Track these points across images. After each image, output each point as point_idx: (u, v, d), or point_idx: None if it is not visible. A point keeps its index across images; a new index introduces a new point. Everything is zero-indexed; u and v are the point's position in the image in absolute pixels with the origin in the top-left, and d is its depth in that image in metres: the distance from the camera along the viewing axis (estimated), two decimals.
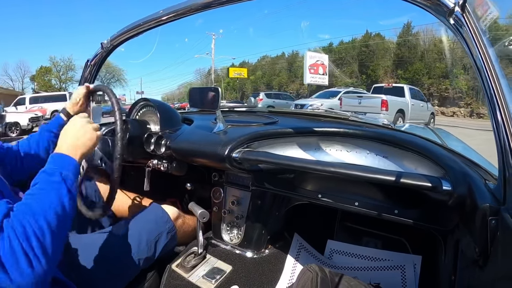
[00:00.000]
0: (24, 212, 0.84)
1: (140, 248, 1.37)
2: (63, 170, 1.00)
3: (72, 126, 1.15)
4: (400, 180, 1.01)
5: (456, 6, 0.83)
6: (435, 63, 42.50)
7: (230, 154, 1.37)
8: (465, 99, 39.47)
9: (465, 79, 40.35)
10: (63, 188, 0.95)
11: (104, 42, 1.89)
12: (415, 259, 1.50)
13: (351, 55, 49.22)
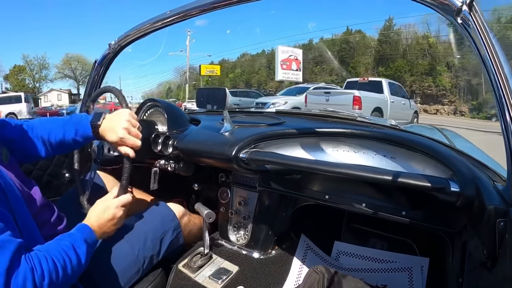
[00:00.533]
0: (49, 260, 0.92)
1: (145, 246, 1.37)
2: (88, 243, 1.10)
3: (108, 215, 1.22)
4: (408, 181, 1.00)
5: (463, 5, 0.82)
6: (418, 60, 42.01)
7: (237, 154, 1.37)
8: (449, 97, 39.48)
9: (449, 77, 40.02)
10: (84, 257, 1.06)
11: (111, 43, 1.91)
12: (422, 261, 1.49)
13: (332, 52, 48.67)
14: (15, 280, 0.82)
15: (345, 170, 1.10)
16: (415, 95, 40.16)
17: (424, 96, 40.44)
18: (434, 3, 0.89)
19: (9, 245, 0.84)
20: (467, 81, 39.17)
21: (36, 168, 1.92)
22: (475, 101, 37.57)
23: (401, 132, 1.42)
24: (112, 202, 1.26)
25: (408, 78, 41.70)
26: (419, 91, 40.83)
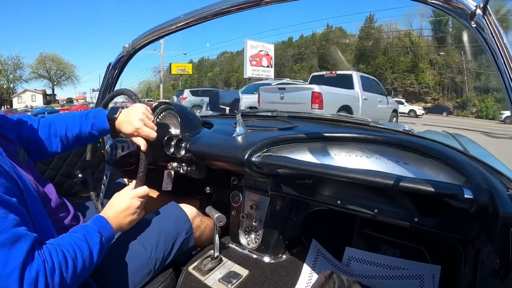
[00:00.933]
0: (59, 253, 0.94)
1: (158, 247, 1.37)
2: (103, 234, 1.12)
3: (125, 205, 1.26)
4: (420, 188, 0.99)
5: (477, 8, 0.82)
6: (400, 57, 41.43)
7: (250, 158, 1.37)
8: (432, 94, 39.21)
9: (432, 74, 39.53)
10: (97, 249, 1.06)
11: (125, 46, 1.93)
12: (434, 269, 1.47)
13: (311, 49, 48.15)
14: (29, 272, 0.83)
15: (358, 175, 1.09)
16: (397, 92, 39.50)
17: (406, 93, 39.93)
18: (448, 7, 0.89)
19: (25, 239, 0.86)
20: (451, 78, 38.70)
21: (50, 168, 1.94)
22: (459, 99, 37.28)
23: (414, 138, 1.41)
24: (129, 192, 1.29)
25: (390, 75, 41.27)
26: (401, 89, 40.37)
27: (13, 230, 0.85)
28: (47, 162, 1.93)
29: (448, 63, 39.08)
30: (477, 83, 37.82)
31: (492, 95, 35.59)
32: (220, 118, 2.23)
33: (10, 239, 0.83)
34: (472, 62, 38.10)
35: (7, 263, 0.81)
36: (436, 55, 40.13)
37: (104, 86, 2.09)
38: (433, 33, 42.07)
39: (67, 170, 2.02)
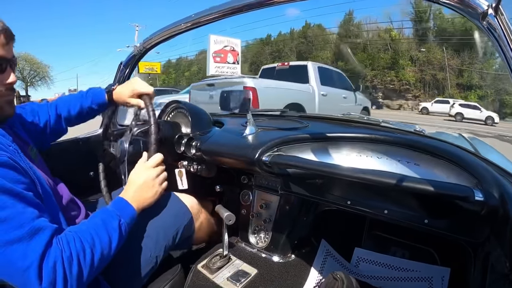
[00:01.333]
0: (77, 241, 0.95)
1: (158, 242, 1.35)
2: (122, 217, 1.13)
3: (142, 179, 1.28)
4: (431, 189, 0.98)
5: (489, 8, 0.81)
6: (379, 54, 40.71)
7: (260, 157, 1.37)
8: (413, 91, 38.65)
9: (413, 71, 38.92)
10: (116, 235, 1.07)
11: (136, 45, 1.94)
12: (443, 271, 1.46)
13: (289, 47, 47.29)
14: (46, 264, 0.85)
15: (368, 176, 1.09)
16: (377, 90, 39.54)
17: (386, 91, 39.63)
18: (459, 6, 0.88)
19: (44, 231, 0.88)
20: (432, 75, 38.18)
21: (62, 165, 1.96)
22: (441, 96, 36.19)
23: (425, 138, 1.40)
24: (141, 165, 1.32)
25: (369, 72, 40.74)
26: (380, 86, 39.98)
27: (32, 224, 0.87)
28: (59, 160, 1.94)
29: (430, 59, 38.66)
30: (459, 80, 37.83)
31: (475, 92, 35.32)
32: (231, 117, 2.23)
33: (29, 233, 0.85)
34: (455, 58, 37.63)
35: (26, 256, 0.83)
36: (417, 51, 39.73)
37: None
38: (414, 30, 41.69)
39: (80, 168, 2.04)
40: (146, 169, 1.30)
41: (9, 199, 0.85)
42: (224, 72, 12.99)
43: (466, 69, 36.69)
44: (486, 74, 36.26)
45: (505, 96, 33.12)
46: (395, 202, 1.22)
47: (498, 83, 34.73)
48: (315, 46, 45.76)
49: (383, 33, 41.90)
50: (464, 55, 36.74)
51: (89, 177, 2.08)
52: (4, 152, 0.92)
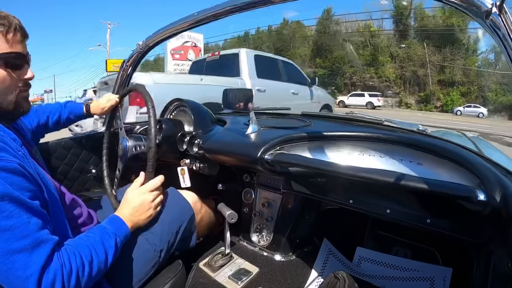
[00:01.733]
0: (77, 257, 0.98)
1: (162, 239, 1.36)
2: (117, 237, 1.15)
3: (137, 200, 1.31)
4: (434, 189, 0.98)
5: (493, 7, 0.80)
6: (358, 50, 40.21)
7: (263, 156, 1.37)
8: (393, 88, 38.00)
9: (393, 67, 38.31)
10: (112, 251, 1.10)
11: (139, 43, 1.94)
12: (445, 271, 1.46)
13: (267, 44, 46.24)
14: (46, 276, 0.87)
15: (371, 175, 1.08)
16: (355, 87, 38.91)
17: (365, 88, 38.63)
18: (463, 5, 0.88)
19: (46, 243, 0.90)
20: (413, 71, 37.71)
21: (64, 163, 1.97)
22: (422, 93, 36.49)
23: (428, 138, 1.40)
24: (139, 189, 1.33)
25: (348, 69, 40.26)
26: (360, 83, 39.36)
27: (36, 235, 0.88)
28: (61, 157, 1.95)
29: (410, 55, 38.17)
30: (441, 76, 37.51)
31: (457, 88, 34.88)
32: (234, 116, 2.23)
33: (32, 244, 0.86)
34: (436, 54, 37.17)
35: (27, 266, 0.84)
36: (397, 48, 39.18)
37: (118, 83, 2.11)
38: (395, 26, 40.97)
39: (81, 165, 2.05)
40: (144, 192, 1.32)
41: (16, 208, 0.86)
42: (184, 70, 12.57)
43: (448, 65, 36.42)
44: (469, 71, 35.82)
45: (488, 92, 33.08)
46: (398, 201, 1.22)
47: (481, 80, 34.49)
48: (293, 43, 45.13)
49: (363, 29, 41.42)
50: (446, 51, 37.02)
51: (90, 175, 2.08)
52: (14, 158, 0.93)
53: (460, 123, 19.56)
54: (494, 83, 33.51)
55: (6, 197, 0.85)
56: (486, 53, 36.85)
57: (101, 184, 1.82)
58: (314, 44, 43.64)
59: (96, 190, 2.10)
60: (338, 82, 40.41)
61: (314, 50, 43.40)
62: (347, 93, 38.19)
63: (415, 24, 39.30)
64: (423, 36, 37.94)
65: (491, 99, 32.51)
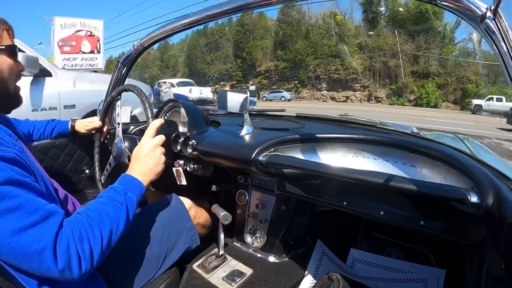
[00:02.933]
0: (84, 220, 0.98)
1: (161, 245, 1.36)
2: (128, 192, 1.14)
3: (144, 152, 1.29)
4: (427, 191, 0.99)
5: (488, 11, 0.81)
6: (323, 40, 36.93)
7: (257, 157, 1.37)
8: (361, 81, 35.15)
9: (361, 58, 35.40)
10: (123, 209, 1.08)
11: (134, 43, 1.94)
12: (438, 272, 1.47)
13: (227, 37, 44.55)
14: (60, 244, 0.88)
15: (364, 177, 1.09)
16: (320, 80, 36.44)
17: (331, 81, 36.41)
18: (457, 8, 0.88)
19: (56, 214, 0.92)
20: (383, 62, 34.38)
21: (57, 163, 1.96)
22: (394, 85, 33.50)
23: (422, 140, 1.41)
24: (150, 142, 1.31)
25: (312, 61, 37.43)
26: (324, 76, 36.72)
27: (45, 208, 0.90)
28: (54, 158, 1.95)
29: (380, 45, 34.91)
30: (415, 67, 33.99)
31: (433, 80, 31.86)
32: (228, 117, 2.23)
33: (42, 217, 0.88)
34: (409, 43, 34.03)
35: (40, 239, 0.85)
36: (366, 37, 35.89)
37: (112, 83, 2.11)
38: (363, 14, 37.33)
39: (74, 165, 2.04)
40: (146, 139, 1.31)
41: (20, 190, 0.88)
42: (77, 66, 10.68)
43: (422, 54, 33.79)
44: (446, 61, 33.20)
45: (468, 84, 30.18)
46: (391, 203, 1.22)
47: (460, 70, 31.48)
48: (253, 35, 42.79)
49: (328, 17, 38.42)
50: (420, 39, 33.89)
51: (83, 175, 2.08)
52: (11, 149, 0.95)
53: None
54: (474, 73, 30.59)
55: (9, 181, 0.86)
56: (464, 42, 33.72)
57: (95, 185, 1.81)
58: (276, 35, 41.57)
59: (89, 190, 2.10)
60: (301, 76, 38.43)
61: (276, 42, 41.41)
62: (311, 87, 36.78)
63: (386, 12, 36.12)
64: (396, 24, 34.90)
65: (471, 91, 29.76)
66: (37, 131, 1.87)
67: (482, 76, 29.83)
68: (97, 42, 11.37)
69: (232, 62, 43.46)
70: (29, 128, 1.83)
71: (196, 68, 46.14)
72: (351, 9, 38.85)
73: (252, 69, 41.30)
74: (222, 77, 43.43)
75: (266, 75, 40.85)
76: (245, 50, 42.02)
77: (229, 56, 43.81)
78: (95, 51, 11.23)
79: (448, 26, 33.44)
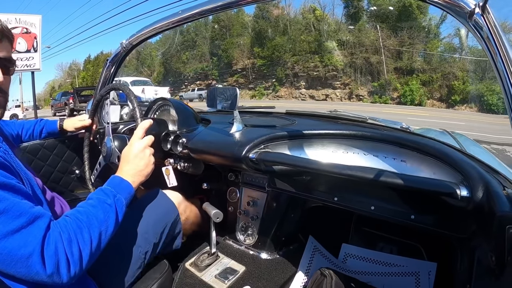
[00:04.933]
0: (73, 222, 0.97)
1: (147, 240, 1.36)
2: (117, 194, 1.14)
3: (133, 153, 1.29)
4: (417, 186, 1.00)
5: (476, 7, 0.82)
6: (301, 36, 35.30)
7: (247, 154, 1.37)
8: (341, 78, 33.65)
9: (341, 54, 33.75)
10: (112, 211, 1.08)
11: (123, 41, 1.93)
12: (430, 266, 1.48)
13: (203, 35, 43.20)
14: (48, 247, 0.87)
15: (354, 172, 1.09)
16: (298, 78, 35.02)
17: (310, 79, 34.81)
18: (446, 5, 0.89)
19: (42, 217, 0.91)
20: (365, 58, 32.68)
21: (47, 164, 1.94)
22: (376, 82, 31.90)
23: (411, 136, 1.41)
24: (139, 143, 1.32)
25: (290, 58, 35.92)
26: (303, 74, 35.03)
27: (31, 211, 0.89)
28: (44, 159, 1.93)
29: (361, 40, 33.07)
30: (398, 64, 31.99)
31: (417, 77, 30.29)
32: (218, 115, 2.23)
33: (28, 221, 0.86)
34: (392, 38, 32.18)
35: (27, 243, 0.84)
36: (347, 31, 33.96)
37: (101, 81, 2.09)
38: (345, 8, 35.20)
39: (64, 166, 2.03)
40: (135, 140, 1.31)
41: (5, 193, 0.86)
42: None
43: (406, 50, 31.88)
44: (431, 56, 31.30)
45: (454, 81, 28.52)
46: (382, 198, 1.23)
47: (446, 67, 29.74)
48: (230, 32, 41.43)
49: (307, 12, 36.88)
50: (403, 34, 31.87)
51: (73, 175, 2.06)
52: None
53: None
54: (460, 70, 28.95)
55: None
56: (450, 37, 31.70)
57: (85, 185, 1.80)
58: (253, 32, 40.05)
59: (80, 191, 2.08)
60: (279, 73, 37.04)
61: (253, 39, 39.85)
62: (290, 85, 35.54)
63: (368, 7, 33.96)
64: (378, 18, 32.95)
65: (457, 88, 28.28)
66: (26, 132, 1.86)
67: (469, 72, 28.64)
68: (34, 39, 10.69)
69: (208, 60, 42.66)
70: (17, 129, 1.82)
71: (171, 67, 45.46)
72: (332, 4, 37.14)
73: (228, 68, 40.44)
74: (198, 76, 42.32)
75: (243, 74, 39.92)
76: (221, 48, 41.21)
77: (205, 54, 42.99)
78: (32, 50, 10.50)
79: (433, 20, 32.05)
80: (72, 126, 1.91)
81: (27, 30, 10.42)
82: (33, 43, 10.51)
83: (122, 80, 21.59)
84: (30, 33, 10.47)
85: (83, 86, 39.83)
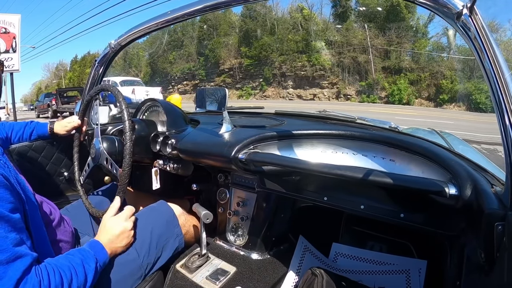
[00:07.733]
0: (55, 272, 0.95)
1: (150, 252, 1.37)
2: (98, 260, 1.13)
3: (117, 228, 1.29)
4: (406, 184, 1.00)
5: (464, 8, 0.83)
6: (288, 35, 34.93)
7: (236, 155, 1.37)
8: (329, 78, 33.01)
9: (329, 53, 33.42)
10: (91, 274, 1.07)
11: (111, 42, 1.92)
12: (420, 263, 1.49)
13: (190, 34, 42.54)
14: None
15: (344, 172, 1.10)
16: (286, 78, 34.51)
17: (297, 79, 34.14)
18: (434, 6, 0.90)
19: (24, 258, 0.87)
20: (352, 58, 32.11)
21: (35, 166, 1.92)
22: (364, 82, 31.41)
23: (400, 135, 1.42)
24: (120, 216, 1.33)
25: (277, 58, 35.23)
26: (290, 73, 34.39)
27: (13, 250, 0.85)
28: (32, 161, 1.91)
29: (349, 40, 32.43)
30: (386, 63, 31.10)
31: (405, 76, 29.60)
32: (207, 115, 2.23)
33: (8, 259, 0.83)
34: (379, 38, 31.47)
35: (1, 281, 0.81)
36: (334, 31, 33.22)
37: (89, 82, 2.08)
38: (333, 8, 34.45)
39: (53, 168, 2.00)
40: (125, 219, 1.32)
41: None
42: None
43: (394, 49, 30.91)
44: (419, 55, 30.43)
45: (442, 80, 27.97)
46: (371, 197, 1.24)
47: (434, 66, 29.21)
48: (217, 31, 40.36)
49: (295, 11, 36.08)
50: (391, 33, 30.90)
51: (62, 178, 2.04)
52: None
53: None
54: (448, 69, 28.41)
55: None
56: (438, 36, 31.03)
57: (74, 187, 1.78)
58: (240, 31, 39.18)
59: (69, 193, 2.06)
60: (266, 73, 36.03)
61: (240, 38, 38.95)
62: (277, 85, 35.01)
63: (356, 7, 33.39)
64: (366, 17, 32.46)
65: (445, 87, 27.79)
66: (16, 134, 1.83)
67: (457, 71, 28.10)
68: (13, 39, 10.46)
69: (195, 60, 41.81)
70: (6, 131, 1.79)
71: (158, 67, 44.94)
72: (320, 3, 36.82)
73: (215, 68, 39.43)
74: (185, 77, 41.76)
75: (230, 73, 38.70)
76: (208, 48, 40.26)
77: (192, 54, 42.18)
78: (11, 50, 10.25)
79: (421, 19, 31.30)
80: (62, 129, 1.86)
81: (6, 30, 10.27)
82: (12, 43, 10.32)
83: (111, 81, 21.00)
84: (9, 33, 10.30)
85: (69, 87, 39.32)
